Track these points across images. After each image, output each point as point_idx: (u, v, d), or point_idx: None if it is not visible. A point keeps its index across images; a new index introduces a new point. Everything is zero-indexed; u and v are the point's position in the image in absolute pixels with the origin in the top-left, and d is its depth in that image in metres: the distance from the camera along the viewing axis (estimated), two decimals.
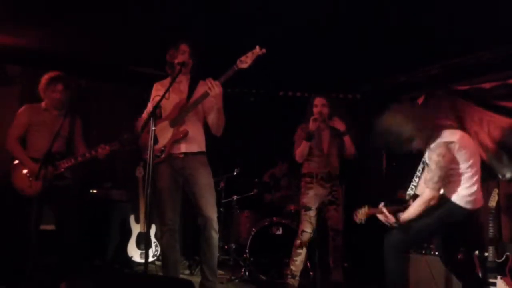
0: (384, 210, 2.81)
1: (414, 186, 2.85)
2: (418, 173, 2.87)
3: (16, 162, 3.18)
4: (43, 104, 3.31)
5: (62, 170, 3.16)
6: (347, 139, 3.66)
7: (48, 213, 3.23)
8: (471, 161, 2.70)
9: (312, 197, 3.62)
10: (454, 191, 2.69)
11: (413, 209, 2.70)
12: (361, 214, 2.92)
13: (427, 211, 2.72)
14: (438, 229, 2.78)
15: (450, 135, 2.70)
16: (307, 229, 3.56)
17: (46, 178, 2.97)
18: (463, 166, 2.68)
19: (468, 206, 2.68)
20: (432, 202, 2.64)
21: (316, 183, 3.64)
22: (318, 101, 3.66)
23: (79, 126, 3.40)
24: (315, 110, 3.63)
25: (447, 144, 2.64)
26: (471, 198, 2.68)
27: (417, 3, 3.10)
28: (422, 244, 3.64)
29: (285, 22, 3.48)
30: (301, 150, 3.63)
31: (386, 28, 3.51)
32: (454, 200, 2.69)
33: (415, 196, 2.81)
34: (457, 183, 2.69)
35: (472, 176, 2.69)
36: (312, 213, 3.59)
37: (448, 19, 3.30)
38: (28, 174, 3.13)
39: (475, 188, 2.69)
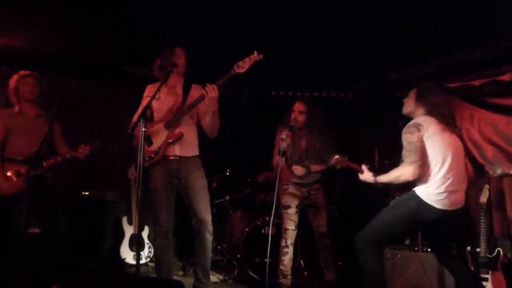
0: (365, 169, 2.86)
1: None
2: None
3: None
4: (16, 108, 3.28)
5: (41, 171, 3.10)
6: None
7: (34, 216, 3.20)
8: (445, 163, 2.61)
9: (289, 196, 3.65)
10: (420, 185, 2.64)
11: (388, 176, 2.70)
12: (336, 161, 2.94)
13: (399, 205, 2.71)
14: (410, 225, 2.75)
15: (424, 121, 2.66)
16: (290, 226, 3.58)
17: (27, 178, 2.94)
18: (432, 161, 2.61)
19: (437, 205, 2.59)
20: (405, 176, 2.59)
21: (292, 186, 3.67)
22: (296, 106, 3.61)
23: (57, 126, 3.37)
24: (292, 115, 3.60)
25: (416, 125, 2.65)
26: (439, 198, 2.59)
27: (408, 2, 3.11)
28: (396, 238, 3.62)
29: (277, 21, 3.48)
30: (276, 162, 3.58)
31: (377, 27, 3.52)
32: (419, 194, 2.63)
33: None
34: (424, 179, 2.63)
35: (445, 177, 2.60)
36: (292, 210, 3.61)
37: (438, 16, 3.31)
38: (9, 174, 3.10)
39: (445, 187, 2.59)
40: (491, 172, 3.86)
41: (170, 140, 2.98)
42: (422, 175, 2.62)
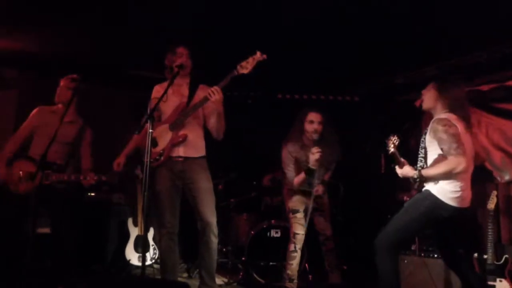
0: (406, 163, 2.80)
1: (422, 157, 2.77)
2: (421, 151, 2.81)
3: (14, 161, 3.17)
4: (54, 107, 3.30)
5: (49, 182, 3.08)
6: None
7: (44, 216, 3.22)
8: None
9: (297, 200, 3.62)
10: (436, 183, 2.63)
11: (438, 168, 2.61)
12: (392, 143, 2.82)
13: (414, 206, 2.70)
14: (427, 224, 2.74)
15: (455, 120, 2.65)
16: (299, 231, 3.55)
17: (36, 182, 2.96)
18: None
19: (452, 203, 2.60)
20: (460, 168, 2.52)
21: (298, 191, 3.63)
22: (315, 117, 3.47)
23: (88, 135, 3.36)
24: (310, 126, 3.46)
25: (449, 119, 2.62)
26: (454, 195, 2.60)
27: (413, 4, 3.10)
28: (413, 239, 3.60)
29: (283, 24, 3.48)
30: (299, 181, 3.50)
31: (382, 30, 3.51)
32: (435, 193, 2.62)
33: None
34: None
35: (462, 176, 2.61)
36: (300, 215, 3.58)
37: (444, 19, 3.30)
38: (21, 173, 3.11)
39: (461, 185, 2.61)
40: (499, 178, 3.83)
41: (174, 142, 2.98)
42: None
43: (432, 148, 2.69)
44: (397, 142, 2.82)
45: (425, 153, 2.76)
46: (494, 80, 3.97)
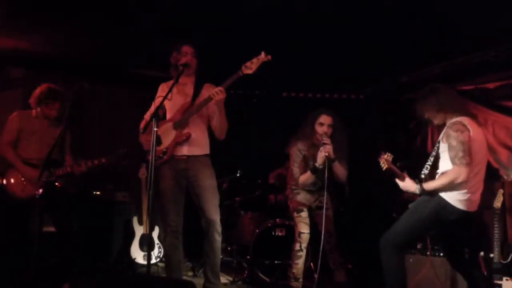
0: (407, 176, 2.79)
1: (429, 165, 2.76)
2: (430, 158, 2.80)
3: (11, 167, 3.22)
4: (33, 112, 3.33)
5: (55, 178, 3.19)
6: (336, 166, 3.45)
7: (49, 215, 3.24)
8: (479, 165, 2.63)
9: (301, 199, 3.61)
10: None
11: (439, 181, 2.62)
12: (385, 160, 2.81)
13: (422, 206, 2.69)
14: (433, 225, 2.73)
15: (468, 122, 2.64)
16: (304, 230, 3.54)
17: (41, 182, 3.00)
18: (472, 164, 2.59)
19: (460, 206, 2.59)
20: (461, 178, 2.51)
21: (303, 191, 3.62)
22: (326, 119, 3.44)
23: (68, 136, 3.45)
24: (320, 128, 3.44)
25: (463, 124, 2.61)
26: (463, 198, 2.59)
27: (420, 3, 3.08)
28: (418, 240, 3.59)
29: (288, 22, 3.48)
30: (305, 180, 3.50)
31: (388, 28, 3.50)
32: (443, 196, 2.61)
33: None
34: None
35: (474, 178, 2.60)
36: (305, 214, 3.57)
37: (450, 18, 3.28)
38: (22, 178, 3.15)
39: (470, 188, 2.59)
40: (505, 177, 3.80)
41: (178, 141, 2.98)
42: None
43: (445, 154, 2.66)
44: (390, 158, 2.81)
45: (434, 161, 2.74)
46: (500, 78, 3.94)
